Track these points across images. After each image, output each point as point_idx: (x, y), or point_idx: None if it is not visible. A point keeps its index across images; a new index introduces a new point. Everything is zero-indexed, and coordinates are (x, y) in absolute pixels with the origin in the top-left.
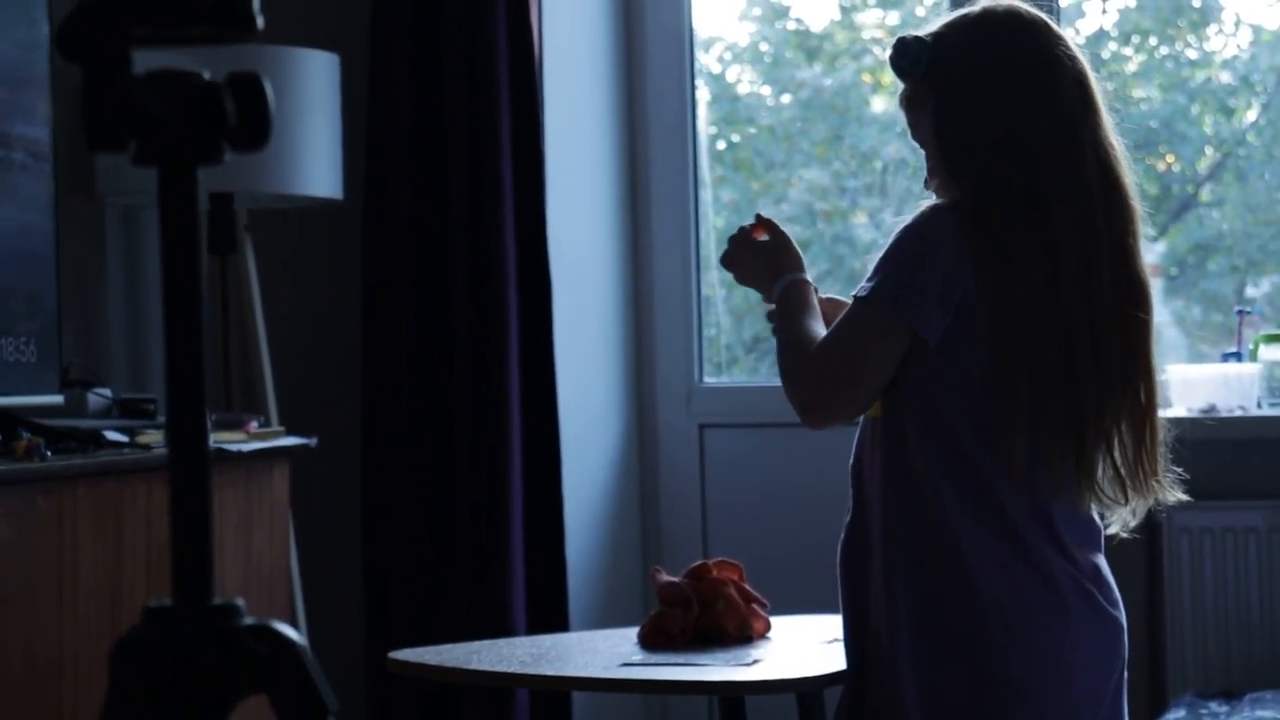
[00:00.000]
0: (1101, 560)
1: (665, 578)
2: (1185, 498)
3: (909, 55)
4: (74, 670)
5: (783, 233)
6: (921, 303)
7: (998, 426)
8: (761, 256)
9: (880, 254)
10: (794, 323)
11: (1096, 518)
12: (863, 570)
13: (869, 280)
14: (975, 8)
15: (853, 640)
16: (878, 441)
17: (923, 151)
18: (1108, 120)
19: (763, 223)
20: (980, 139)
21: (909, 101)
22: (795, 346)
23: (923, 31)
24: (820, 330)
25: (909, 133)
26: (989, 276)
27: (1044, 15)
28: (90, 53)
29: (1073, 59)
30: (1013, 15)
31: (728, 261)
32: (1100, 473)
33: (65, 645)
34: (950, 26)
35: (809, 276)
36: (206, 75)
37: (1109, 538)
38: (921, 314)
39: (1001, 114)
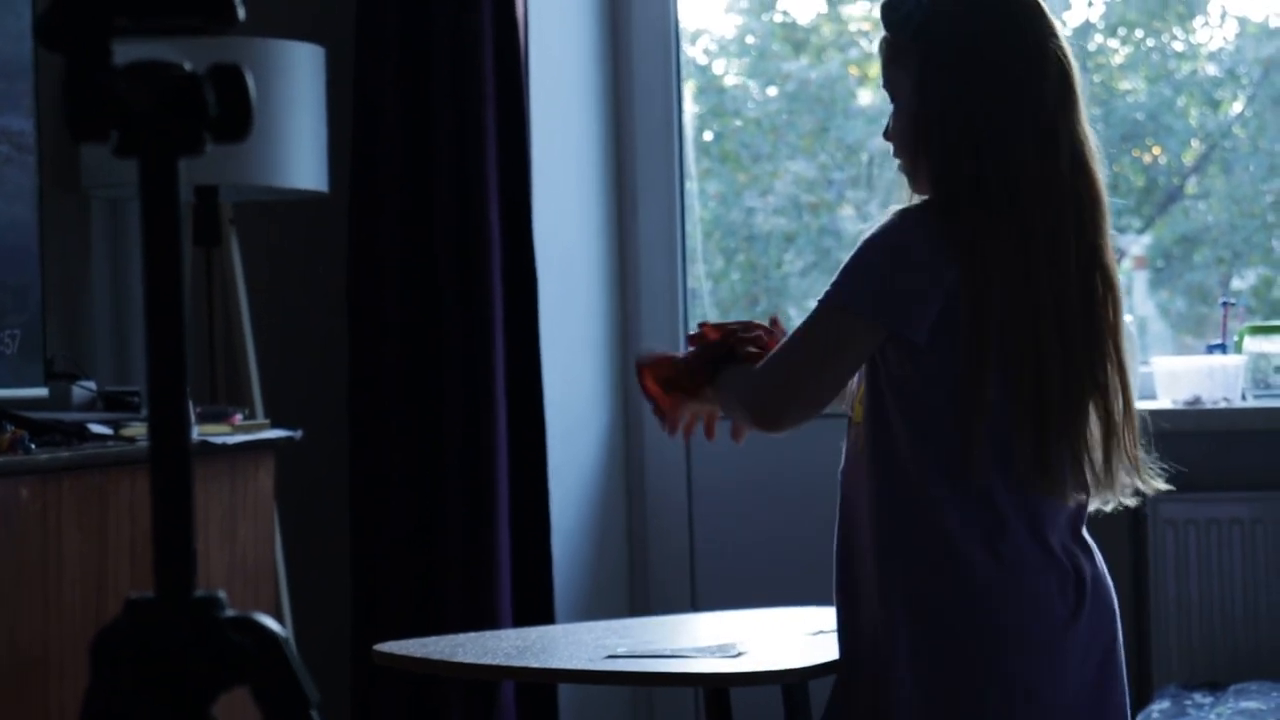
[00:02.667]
0: (1093, 550)
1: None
2: (1167, 486)
3: (901, 13)
4: (59, 662)
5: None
6: (902, 303)
7: (979, 421)
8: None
9: (848, 258)
10: (730, 372)
11: (1085, 506)
12: (853, 569)
13: (834, 283)
14: None
15: (846, 636)
16: (862, 442)
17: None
18: (1085, 113)
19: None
20: (958, 123)
21: (890, 51)
22: (739, 376)
23: None
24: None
25: (881, 80)
26: (966, 272)
27: None
28: (71, 43)
29: (1060, 50)
30: None
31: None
32: (1061, 466)
33: (50, 637)
34: None
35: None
36: (187, 66)
37: (1095, 518)
38: (903, 315)
39: (983, 101)
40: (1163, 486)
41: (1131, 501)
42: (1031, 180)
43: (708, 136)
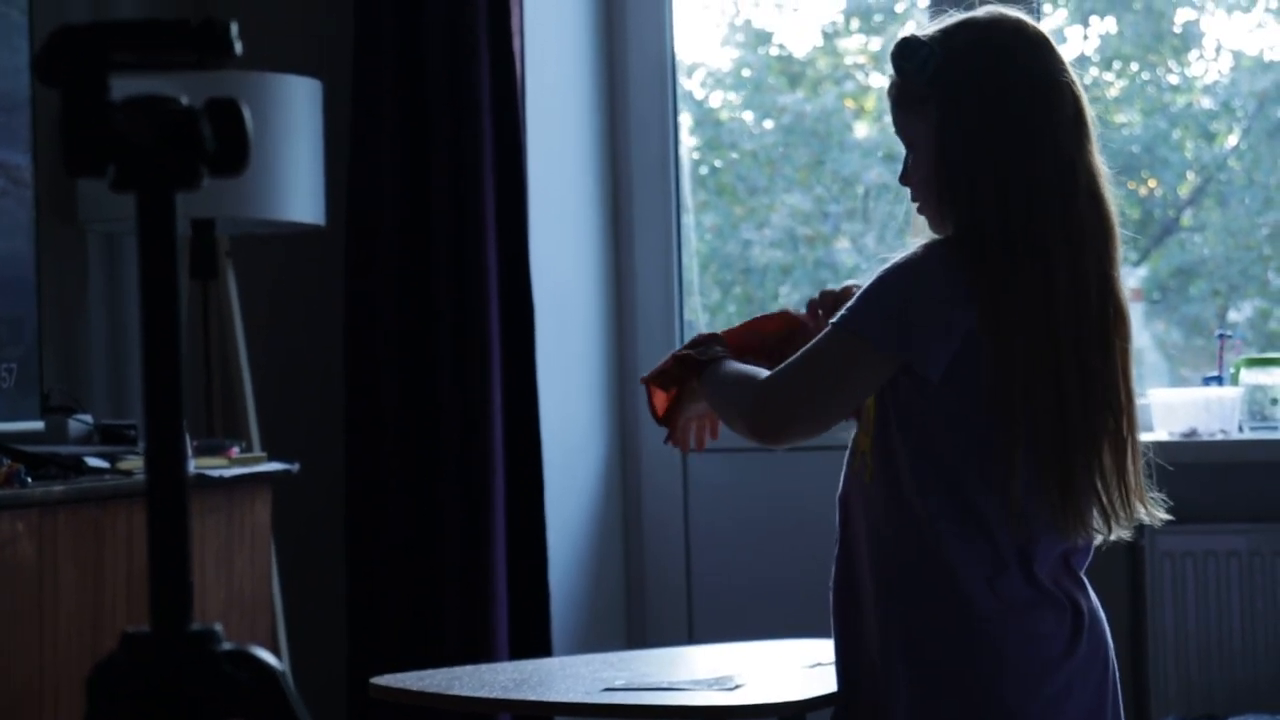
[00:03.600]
0: (1088, 587)
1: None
2: (1168, 517)
3: (916, 60)
4: (54, 696)
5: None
6: (918, 337)
7: (995, 461)
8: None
9: (868, 283)
10: (725, 371)
11: (1087, 543)
12: (853, 598)
13: (850, 308)
14: (981, 13)
15: (845, 667)
16: (869, 473)
17: (898, 160)
18: (1096, 143)
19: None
20: (983, 170)
21: (901, 96)
22: (739, 382)
23: (928, 30)
24: (753, 367)
25: (894, 126)
26: (986, 315)
27: (1045, 32)
28: (68, 78)
29: (1072, 85)
30: (1020, 34)
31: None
32: (1086, 504)
33: (45, 671)
34: (958, 36)
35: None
36: (184, 101)
37: (1095, 552)
38: (919, 349)
39: (1006, 147)
40: (1165, 517)
41: (1129, 535)
42: (1054, 220)
43: (704, 169)
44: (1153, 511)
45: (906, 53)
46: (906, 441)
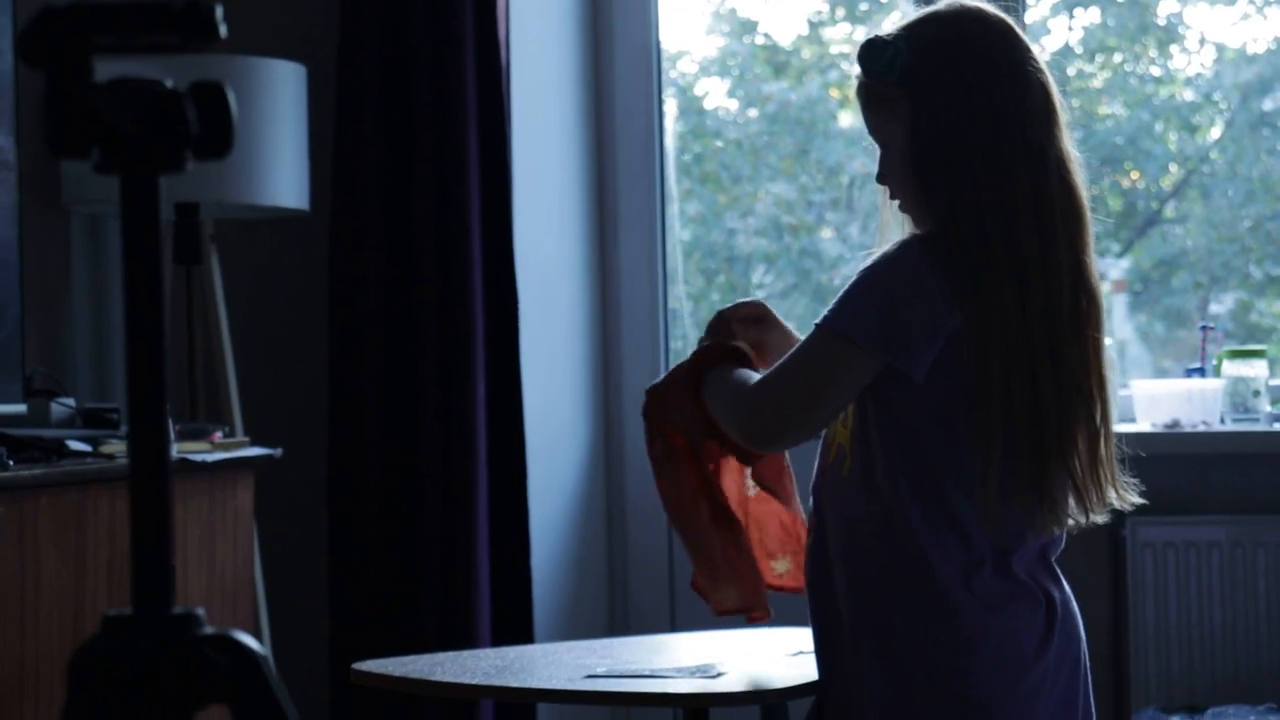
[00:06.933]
0: (1061, 577)
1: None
2: (1141, 501)
3: (883, 60)
4: (35, 681)
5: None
6: (906, 340)
7: (973, 458)
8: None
9: (851, 283)
10: (726, 373)
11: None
12: (828, 589)
13: (835, 309)
14: (943, 7)
15: (822, 654)
16: (846, 466)
17: (877, 151)
18: (1066, 128)
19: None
20: (957, 165)
21: (871, 97)
22: (731, 387)
23: (891, 29)
24: (749, 372)
25: (866, 128)
26: (968, 312)
27: (1009, 19)
28: (52, 60)
29: (1039, 71)
30: (984, 24)
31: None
32: (1062, 496)
33: (26, 656)
34: (922, 32)
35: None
36: (169, 83)
37: (1073, 541)
38: (907, 351)
39: (978, 140)
40: (1138, 501)
41: (1104, 519)
42: (1027, 211)
43: (688, 158)
44: (1125, 496)
45: (872, 54)
46: (884, 437)
